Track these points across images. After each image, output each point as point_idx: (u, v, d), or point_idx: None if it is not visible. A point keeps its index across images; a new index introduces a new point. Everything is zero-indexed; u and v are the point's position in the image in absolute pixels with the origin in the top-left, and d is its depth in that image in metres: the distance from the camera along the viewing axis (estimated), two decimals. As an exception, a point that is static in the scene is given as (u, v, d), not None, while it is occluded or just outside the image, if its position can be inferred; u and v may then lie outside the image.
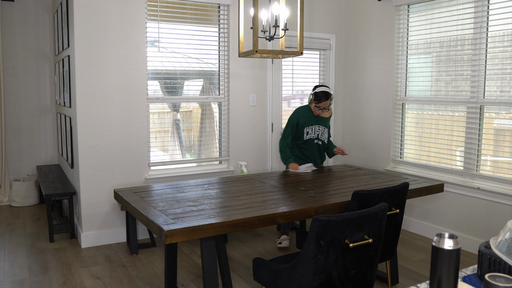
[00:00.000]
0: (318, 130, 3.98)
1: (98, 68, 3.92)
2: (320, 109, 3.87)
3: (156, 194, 2.92)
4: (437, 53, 4.23)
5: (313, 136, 3.99)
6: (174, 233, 2.15)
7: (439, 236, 1.09)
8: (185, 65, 4.48)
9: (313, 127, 3.97)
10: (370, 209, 2.10)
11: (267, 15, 3.10)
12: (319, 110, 3.88)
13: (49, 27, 5.89)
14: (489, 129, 3.84)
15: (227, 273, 2.91)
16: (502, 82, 3.68)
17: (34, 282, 3.27)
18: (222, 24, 4.54)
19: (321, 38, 5.13)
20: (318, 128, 3.98)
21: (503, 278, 0.97)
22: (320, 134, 4.00)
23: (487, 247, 1.30)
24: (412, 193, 3.10)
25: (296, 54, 3.01)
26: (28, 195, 5.55)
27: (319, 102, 3.85)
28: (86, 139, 3.94)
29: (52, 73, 5.95)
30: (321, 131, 4.00)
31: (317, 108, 3.88)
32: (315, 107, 3.88)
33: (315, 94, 3.86)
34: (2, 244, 4.11)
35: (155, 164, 4.31)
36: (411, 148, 4.56)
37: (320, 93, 3.84)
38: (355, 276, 2.14)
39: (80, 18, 3.81)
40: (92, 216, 4.03)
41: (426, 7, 4.29)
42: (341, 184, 3.25)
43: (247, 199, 2.78)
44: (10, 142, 5.79)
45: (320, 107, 3.86)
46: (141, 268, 3.57)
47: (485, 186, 3.78)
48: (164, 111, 4.47)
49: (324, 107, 3.87)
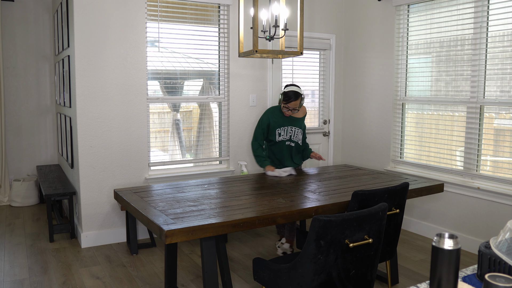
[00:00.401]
0: (291, 131, 3.77)
1: (98, 68, 3.92)
2: (289, 109, 3.65)
3: (156, 194, 2.92)
4: (437, 53, 4.23)
5: (286, 138, 3.77)
6: (174, 233, 2.15)
7: (439, 236, 1.09)
8: (185, 65, 4.48)
9: (285, 128, 3.75)
10: (370, 209, 2.10)
11: (267, 15, 3.10)
12: (288, 110, 3.66)
13: (49, 27, 5.89)
14: (489, 129, 3.84)
15: (227, 273, 2.91)
16: (502, 82, 3.68)
17: (34, 282, 3.27)
18: (222, 24, 4.54)
19: (321, 38, 5.13)
20: (291, 129, 3.77)
21: (503, 278, 0.97)
22: (293, 135, 3.78)
23: (487, 247, 1.30)
24: (412, 193, 3.10)
25: (296, 54, 3.01)
26: (28, 195, 5.55)
27: (287, 103, 3.62)
28: (86, 139, 3.94)
29: (52, 73, 5.95)
30: (294, 132, 3.78)
31: (286, 108, 3.65)
32: (283, 107, 3.67)
33: (283, 94, 3.63)
34: (2, 244, 4.11)
35: (155, 164, 4.31)
36: (411, 148, 4.56)
37: (289, 92, 3.61)
38: (355, 276, 2.14)
39: (80, 18, 3.81)
40: (92, 216, 4.03)
41: (426, 7, 4.29)
42: (341, 184, 3.25)
43: (247, 199, 2.78)
44: (10, 142, 5.79)
45: (289, 108, 3.63)
46: (141, 268, 3.57)
47: (485, 186, 3.78)
48: (164, 111, 4.47)
49: (293, 108, 3.64)
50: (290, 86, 3.66)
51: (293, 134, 3.78)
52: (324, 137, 5.33)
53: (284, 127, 3.75)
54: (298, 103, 3.62)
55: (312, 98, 5.30)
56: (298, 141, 3.82)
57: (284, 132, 3.75)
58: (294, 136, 3.79)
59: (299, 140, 3.83)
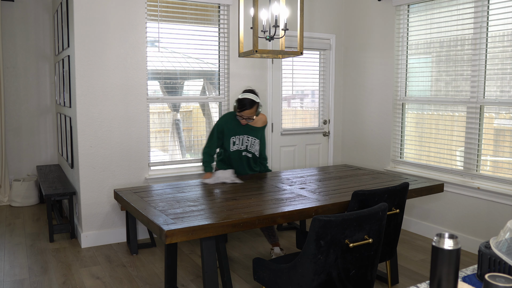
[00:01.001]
0: (247, 141, 3.47)
1: (98, 68, 3.92)
2: (243, 118, 3.37)
3: (156, 194, 2.92)
4: (437, 53, 4.23)
5: (241, 148, 3.47)
6: (174, 233, 2.15)
7: (439, 236, 1.09)
8: (185, 65, 4.48)
9: (241, 138, 3.45)
10: (370, 209, 2.10)
11: (267, 15, 3.10)
12: (243, 119, 3.39)
13: (49, 27, 5.89)
14: (489, 129, 3.84)
15: (227, 273, 2.91)
16: (502, 82, 3.69)
17: (34, 282, 3.27)
18: (222, 24, 4.54)
19: (321, 38, 5.13)
20: (248, 139, 3.46)
21: (503, 278, 0.97)
22: (249, 145, 3.48)
23: (487, 247, 1.30)
24: (412, 193, 3.10)
25: (296, 54, 3.01)
26: (28, 195, 5.55)
27: (241, 111, 3.33)
28: (86, 139, 3.94)
29: (52, 73, 5.95)
30: (250, 142, 3.48)
31: (240, 117, 3.38)
32: (238, 116, 3.39)
33: (238, 101, 3.34)
34: (2, 244, 4.11)
35: (155, 164, 4.31)
36: (411, 148, 4.56)
37: (245, 100, 3.32)
38: (355, 276, 2.14)
39: (80, 18, 3.81)
40: (92, 216, 4.03)
41: (426, 7, 4.29)
42: (341, 184, 3.25)
43: (247, 199, 2.78)
44: (10, 142, 5.79)
45: (243, 116, 3.35)
46: (141, 268, 3.57)
47: (485, 186, 3.78)
48: (164, 111, 4.47)
49: (248, 117, 3.36)
50: (246, 93, 3.38)
51: (250, 144, 3.50)
52: (324, 137, 5.33)
53: (239, 135, 3.46)
54: (253, 111, 3.35)
55: (312, 98, 5.30)
56: (255, 152, 3.54)
57: (239, 141, 3.47)
58: (251, 146, 3.50)
59: (256, 151, 3.54)
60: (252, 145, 3.49)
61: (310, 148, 5.24)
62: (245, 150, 3.49)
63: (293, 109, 5.22)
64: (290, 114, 5.14)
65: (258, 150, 3.52)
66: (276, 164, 4.99)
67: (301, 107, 5.31)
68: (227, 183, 3.23)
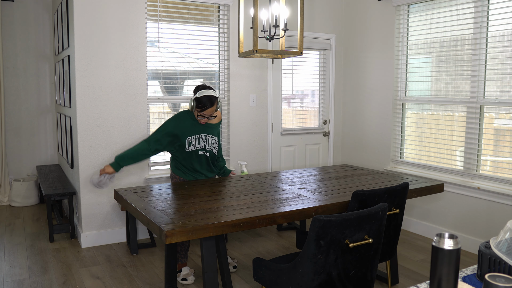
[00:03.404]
0: (205, 140, 3.30)
1: (98, 68, 3.92)
2: (205, 117, 3.19)
3: (156, 194, 2.91)
4: (437, 53, 4.23)
5: (198, 147, 3.28)
6: (174, 233, 2.15)
7: (439, 236, 1.09)
8: (185, 65, 4.48)
9: (197, 137, 3.26)
10: (370, 209, 2.10)
11: (267, 15, 3.10)
12: (204, 118, 3.20)
13: (49, 27, 5.89)
14: (489, 129, 3.84)
15: (227, 273, 2.91)
16: (502, 82, 3.69)
17: (34, 282, 3.27)
18: (222, 24, 4.54)
19: (321, 38, 5.13)
20: (205, 138, 3.29)
21: (503, 278, 0.97)
22: (207, 144, 3.31)
23: (487, 247, 1.30)
24: (412, 193, 3.10)
25: (296, 54, 3.01)
26: (28, 195, 5.55)
27: (203, 110, 3.14)
28: (86, 139, 3.94)
29: (52, 73, 5.95)
30: (208, 141, 3.31)
31: (201, 117, 3.18)
32: (198, 116, 3.18)
33: (196, 101, 3.12)
34: (2, 244, 4.11)
35: (155, 164, 4.31)
36: (411, 148, 4.56)
37: (203, 98, 3.11)
38: (355, 276, 2.14)
39: (80, 18, 3.81)
40: (92, 216, 4.03)
41: (426, 7, 4.29)
42: (341, 184, 3.25)
43: (247, 199, 2.78)
44: (10, 142, 5.79)
45: (205, 116, 3.17)
46: (141, 268, 3.57)
47: (485, 186, 3.78)
48: (164, 111, 4.47)
49: (210, 115, 3.19)
50: (203, 90, 3.16)
51: (208, 143, 3.32)
52: (324, 137, 5.33)
53: (196, 135, 3.26)
54: (214, 108, 3.17)
55: (312, 98, 5.30)
56: (213, 150, 3.37)
57: (195, 141, 3.26)
58: (209, 145, 3.33)
59: (214, 149, 3.38)
60: (211, 143, 3.33)
61: (310, 148, 5.25)
62: (203, 149, 3.31)
63: (293, 109, 5.22)
64: (290, 114, 5.14)
65: (216, 147, 3.38)
66: (276, 164, 4.99)
67: (301, 107, 5.31)
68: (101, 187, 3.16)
